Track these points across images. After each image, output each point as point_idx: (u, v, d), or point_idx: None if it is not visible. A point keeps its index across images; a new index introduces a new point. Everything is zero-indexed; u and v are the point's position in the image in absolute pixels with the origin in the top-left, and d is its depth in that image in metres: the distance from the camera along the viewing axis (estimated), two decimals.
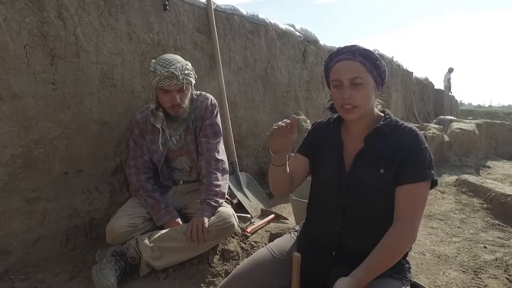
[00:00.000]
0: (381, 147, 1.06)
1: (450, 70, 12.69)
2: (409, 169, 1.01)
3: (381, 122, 1.08)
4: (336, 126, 1.18)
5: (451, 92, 12.37)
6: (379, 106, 1.16)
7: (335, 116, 1.21)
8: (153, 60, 1.68)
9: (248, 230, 2.01)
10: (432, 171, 1.02)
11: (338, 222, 1.10)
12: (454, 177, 3.77)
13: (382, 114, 1.14)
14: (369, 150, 1.08)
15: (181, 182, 1.94)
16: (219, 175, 1.77)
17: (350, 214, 1.08)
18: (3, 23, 1.53)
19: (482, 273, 1.78)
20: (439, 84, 12.39)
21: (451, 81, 12.60)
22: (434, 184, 1.05)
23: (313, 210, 1.22)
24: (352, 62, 1.02)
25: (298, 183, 1.25)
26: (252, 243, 1.87)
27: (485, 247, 2.09)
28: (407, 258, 1.12)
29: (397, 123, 1.09)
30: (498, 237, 2.26)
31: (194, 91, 1.84)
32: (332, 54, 1.09)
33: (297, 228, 1.34)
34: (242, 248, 1.82)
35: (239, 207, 2.33)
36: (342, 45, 1.09)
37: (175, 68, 1.62)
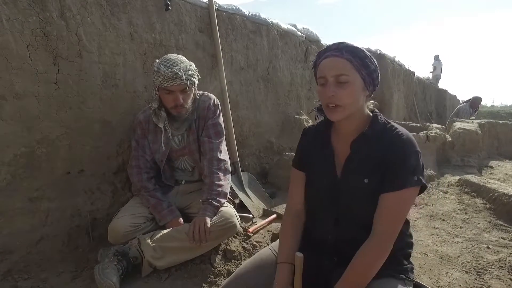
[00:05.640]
0: (366, 154, 1.01)
1: (436, 57, 11.77)
2: (390, 176, 0.96)
3: (366, 128, 1.02)
4: (325, 130, 1.14)
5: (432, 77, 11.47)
6: (371, 106, 1.09)
7: (324, 119, 1.17)
8: (157, 60, 1.68)
9: (250, 230, 2.01)
10: (416, 177, 0.95)
11: (330, 232, 1.07)
12: (456, 177, 3.75)
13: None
14: (355, 157, 1.03)
15: (183, 182, 1.94)
16: (221, 175, 1.77)
17: (343, 223, 1.05)
18: (6, 23, 1.53)
19: (485, 274, 1.77)
20: (441, 84, 12.14)
21: (441, 68, 11.64)
22: (422, 189, 0.99)
23: (308, 217, 1.19)
24: (338, 59, 0.97)
25: None
26: (254, 243, 1.87)
27: (488, 248, 2.08)
28: (410, 259, 1.12)
29: (386, 126, 1.03)
30: (501, 238, 2.24)
31: (197, 91, 1.84)
32: (320, 52, 1.04)
33: None
34: (244, 248, 1.82)
35: (241, 207, 2.33)
36: None
37: (179, 68, 1.62)
